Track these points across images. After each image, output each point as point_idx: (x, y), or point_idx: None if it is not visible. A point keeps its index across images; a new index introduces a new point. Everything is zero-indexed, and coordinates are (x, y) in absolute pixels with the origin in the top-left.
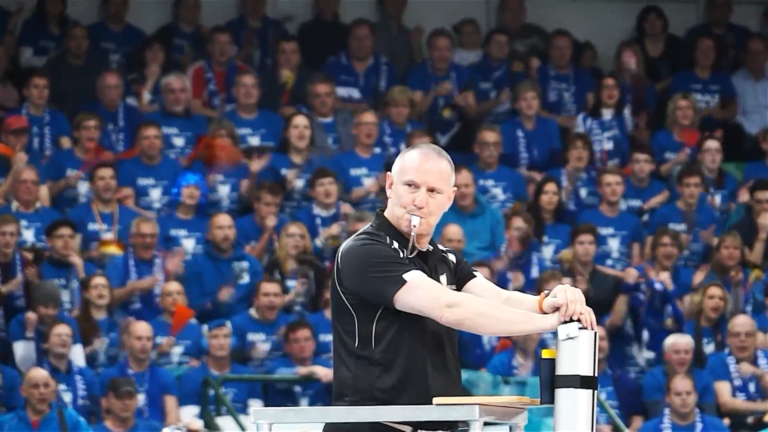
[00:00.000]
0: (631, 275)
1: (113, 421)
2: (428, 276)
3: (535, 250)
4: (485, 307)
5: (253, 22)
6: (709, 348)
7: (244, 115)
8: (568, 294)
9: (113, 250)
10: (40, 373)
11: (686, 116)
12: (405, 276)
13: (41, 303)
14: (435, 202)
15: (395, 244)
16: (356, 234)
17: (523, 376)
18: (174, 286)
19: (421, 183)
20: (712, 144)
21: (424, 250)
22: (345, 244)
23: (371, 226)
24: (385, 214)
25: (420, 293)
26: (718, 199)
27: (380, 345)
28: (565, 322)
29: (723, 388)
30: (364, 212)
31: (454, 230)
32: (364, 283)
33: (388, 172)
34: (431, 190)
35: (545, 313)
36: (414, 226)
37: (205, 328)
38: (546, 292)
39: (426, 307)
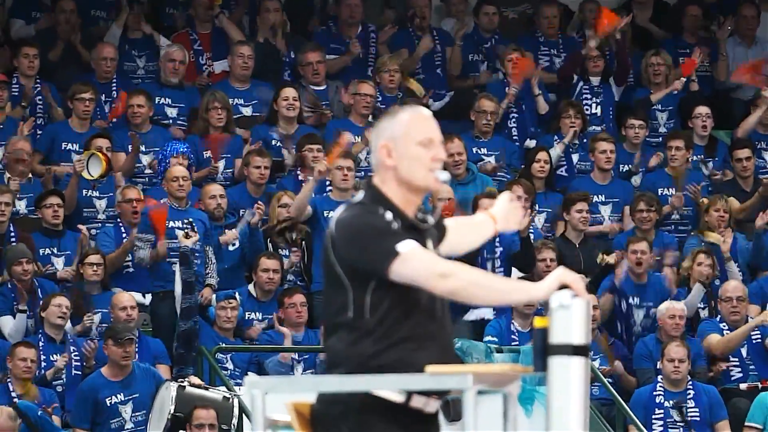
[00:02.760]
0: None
1: (112, 368)
2: (421, 244)
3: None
4: (479, 277)
5: None
6: (702, 313)
7: (237, 86)
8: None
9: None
10: None
11: (659, 72)
12: (398, 247)
13: (14, 262)
14: (444, 154)
15: (389, 215)
16: (350, 204)
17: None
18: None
19: (435, 137)
20: (703, 110)
21: (416, 217)
22: (339, 215)
23: (364, 196)
24: (378, 184)
25: (413, 264)
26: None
27: (375, 315)
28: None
29: (714, 337)
30: (359, 181)
31: (447, 189)
32: (359, 255)
33: (382, 143)
34: (441, 141)
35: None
36: (445, 181)
37: (213, 298)
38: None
39: (420, 277)
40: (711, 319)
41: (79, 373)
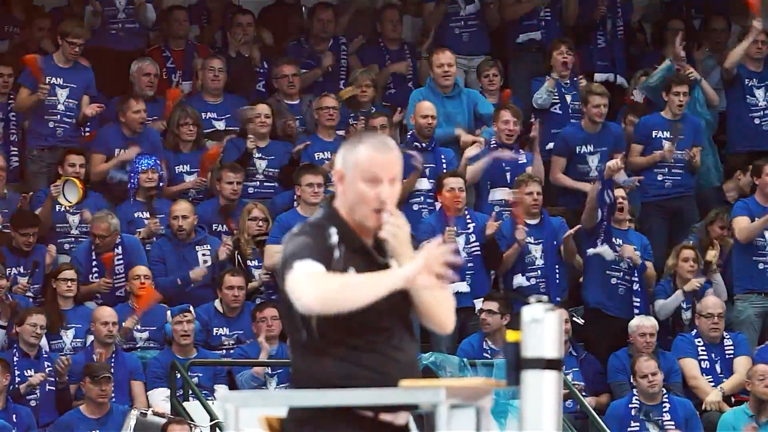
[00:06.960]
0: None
1: (89, 406)
2: (369, 269)
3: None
4: (336, 286)
5: (215, 8)
6: (686, 314)
7: (210, 99)
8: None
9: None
10: None
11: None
12: (296, 263)
13: None
14: (395, 192)
15: (334, 238)
16: (304, 223)
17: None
18: (142, 269)
19: (384, 177)
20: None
21: (374, 242)
22: (289, 233)
23: (321, 213)
24: (337, 205)
25: (291, 283)
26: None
27: (326, 336)
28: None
29: (689, 364)
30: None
31: (427, 105)
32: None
33: (337, 168)
34: (392, 180)
35: None
36: (388, 223)
37: (168, 314)
38: None
39: (292, 296)
40: (686, 334)
41: (53, 389)
